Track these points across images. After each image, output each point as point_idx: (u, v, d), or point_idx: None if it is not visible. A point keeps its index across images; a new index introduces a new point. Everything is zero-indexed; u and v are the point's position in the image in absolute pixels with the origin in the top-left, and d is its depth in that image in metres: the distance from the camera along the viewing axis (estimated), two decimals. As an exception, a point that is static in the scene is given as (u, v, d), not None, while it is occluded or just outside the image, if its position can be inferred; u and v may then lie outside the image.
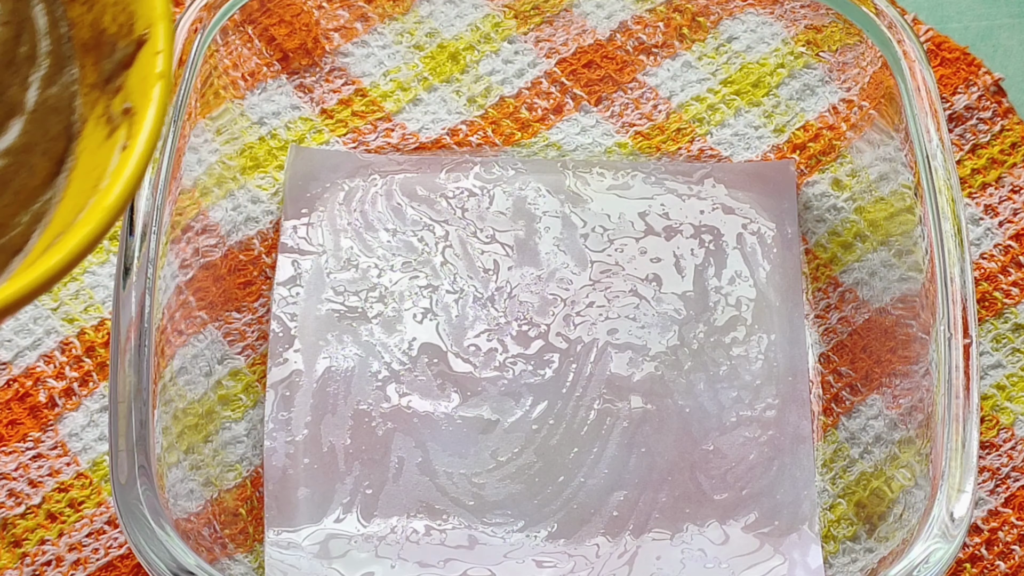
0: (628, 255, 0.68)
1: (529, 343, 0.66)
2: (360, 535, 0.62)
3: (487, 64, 0.72)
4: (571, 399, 0.65)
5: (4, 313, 0.43)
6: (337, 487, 0.63)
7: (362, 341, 0.66)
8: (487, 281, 0.67)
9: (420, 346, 0.65)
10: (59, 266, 0.44)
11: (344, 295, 0.66)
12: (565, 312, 0.66)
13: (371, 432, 0.64)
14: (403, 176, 0.69)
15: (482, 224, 0.68)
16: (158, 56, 0.47)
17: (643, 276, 0.67)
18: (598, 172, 0.70)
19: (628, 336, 0.66)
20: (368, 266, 0.67)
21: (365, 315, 0.66)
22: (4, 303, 0.43)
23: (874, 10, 0.66)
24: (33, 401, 0.65)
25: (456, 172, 0.70)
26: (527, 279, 0.67)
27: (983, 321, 0.68)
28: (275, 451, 0.64)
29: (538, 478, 0.63)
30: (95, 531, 0.63)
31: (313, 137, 0.71)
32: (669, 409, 0.65)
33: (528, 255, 0.68)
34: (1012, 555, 0.63)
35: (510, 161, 0.70)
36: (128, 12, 0.49)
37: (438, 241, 0.68)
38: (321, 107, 0.71)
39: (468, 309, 0.66)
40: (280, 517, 0.63)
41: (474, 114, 0.72)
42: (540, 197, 0.69)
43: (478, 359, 0.65)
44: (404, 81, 0.72)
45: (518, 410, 0.64)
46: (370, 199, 0.69)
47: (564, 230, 0.68)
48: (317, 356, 0.65)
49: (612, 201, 0.69)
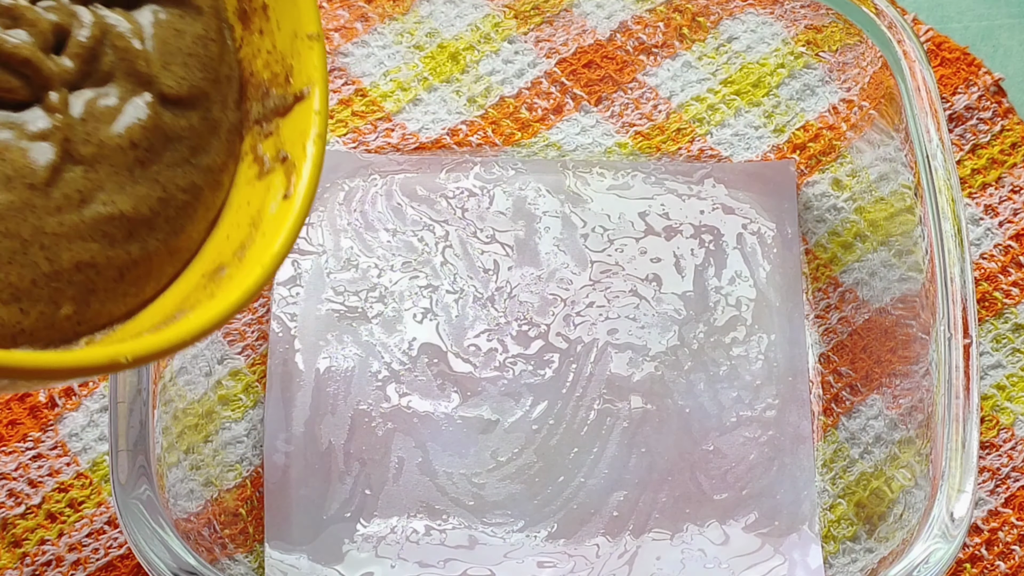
0: (628, 255, 0.68)
1: (529, 343, 0.66)
2: (360, 535, 0.62)
3: (487, 64, 0.72)
4: (571, 399, 0.65)
5: (173, 350, 0.45)
6: (337, 487, 0.63)
7: (362, 341, 0.66)
8: (487, 281, 0.67)
9: (420, 346, 0.65)
10: (225, 311, 0.46)
11: (344, 295, 0.66)
12: (565, 312, 0.66)
13: (371, 432, 0.64)
14: (403, 176, 0.69)
15: (482, 224, 0.68)
16: (316, 116, 0.50)
17: (643, 276, 0.67)
18: (598, 172, 0.70)
19: (628, 336, 0.66)
20: (368, 266, 0.67)
21: (365, 315, 0.66)
22: (173, 343, 0.45)
23: (874, 10, 0.66)
24: (33, 401, 0.65)
25: (456, 172, 0.69)
26: (527, 279, 0.67)
27: (983, 321, 0.68)
28: (275, 451, 0.64)
29: (538, 478, 0.63)
30: (95, 531, 0.63)
31: (313, 137, 0.71)
32: (669, 409, 0.65)
33: (528, 255, 0.68)
34: (1012, 555, 0.63)
35: (510, 161, 0.70)
36: (285, 64, 0.50)
37: (438, 241, 0.68)
38: (321, 107, 0.71)
39: (468, 309, 0.66)
40: (280, 517, 0.62)
41: (474, 114, 0.72)
42: (540, 197, 0.69)
43: (478, 359, 0.65)
44: (404, 81, 0.72)
45: (518, 410, 0.64)
46: (370, 199, 0.69)
47: (564, 230, 0.68)
48: (317, 356, 0.65)
49: (612, 201, 0.69)
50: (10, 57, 0.46)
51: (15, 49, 0.46)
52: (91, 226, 0.46)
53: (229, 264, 0.48)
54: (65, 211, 0.46)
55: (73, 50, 0.47)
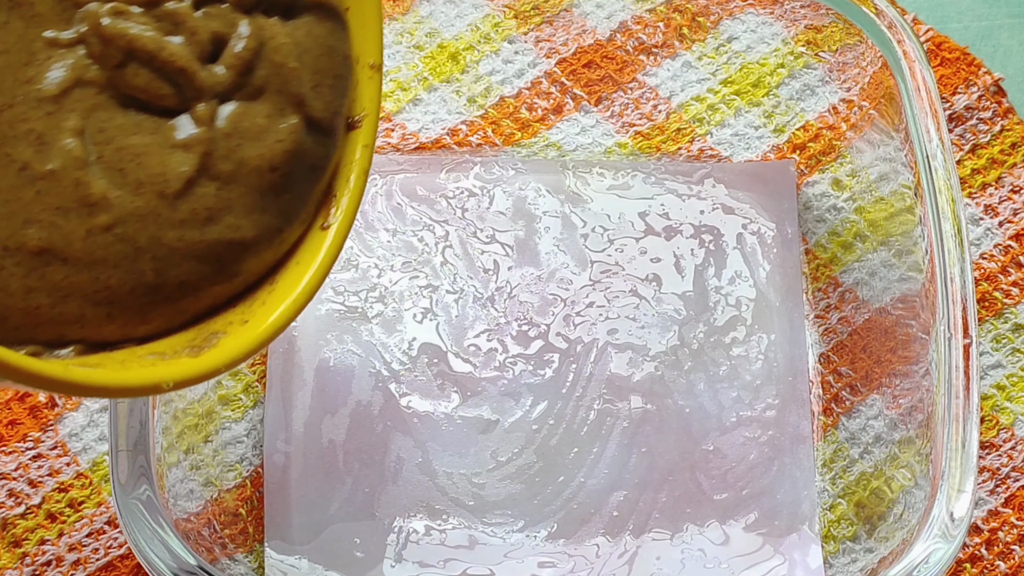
0: (628, 255, 0.68)
1: (529, 343, 0.66)
2: (360, 535, 0.62)
3: (487, 64, 0.72)
4: (571, 399, 0.65)
5: (210, 376, 0.45)
6: (336, 487, 0.63)
7: (362, 341, 0.66)
8: (487, 281, 0.67)
9: (420, 346, 0.65)
10: (257, 340, 0.45)
11: (344, 295, 0.66)
12: (565, 312, 0.66)
13: (370, 432, 0.64)
14: (403, 176, 0.69)
15: (482, 224, 0.68)
16: (363, 149, 0.49)
17: (643, 276, 0.67)
18: (598, 172, 0.70)
19: (628, 336, 0.66)
20: (368, 266, 0.67)
21: (365, 315, 0.66)
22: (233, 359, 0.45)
23: (874, 10, 0.66)
24: (33, 401, 0.65)
25: (456, 172, 0.69)
26: (527, 279, 0.67)
27: (983, 321, 0.68)
28: (275, 451, 0.64)
29: (538, 478, 0.63)
30: (95, 531, 0.63)
31: (313, 137, 0.71)
32: (669, 409, 0.65)
33: (528, 255, 0.68)
34: (1012, 555, 0.63)
35: (510, 161, 0.70)
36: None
37: (438, 241, 0.68)
38: (321, 107, 0.71)
39: (468, 309, 0.66)
40: (280, 517, 0.63)
41: (474, 114, 0.72)
42: (540, 197, 0.69)
43: (478, 359, 0.65)
44: (404, 81, 0.72)
45: (518, 410, 0.64)
46: (370, 199, 0.69)
47: (564, 230, 0.68)
48: (317, 356, 0.65)
49: (612, 201, 0.69)
50: (166, 65, 0.45)
51: (171, 58, 0.45)
52: (209, 247, 0.45)
53: (262, 291, 0.47)
54: (187, 226, 0.45)
55: (228, 60, 0.46)
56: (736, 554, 0.63)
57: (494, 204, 0.69)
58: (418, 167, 0.70)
